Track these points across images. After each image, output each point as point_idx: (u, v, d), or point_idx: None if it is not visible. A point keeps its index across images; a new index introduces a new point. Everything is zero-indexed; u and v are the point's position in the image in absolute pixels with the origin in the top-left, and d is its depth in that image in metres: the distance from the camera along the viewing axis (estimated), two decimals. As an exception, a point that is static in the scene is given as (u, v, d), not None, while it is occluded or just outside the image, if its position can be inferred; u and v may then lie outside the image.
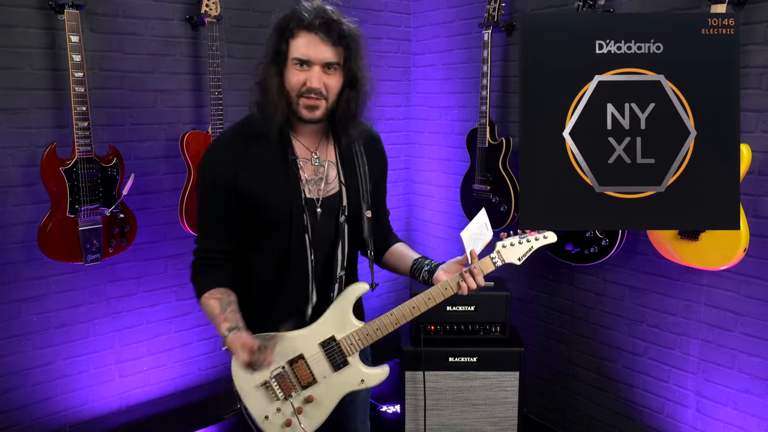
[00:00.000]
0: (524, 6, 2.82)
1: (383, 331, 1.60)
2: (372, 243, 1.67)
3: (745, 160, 1.99)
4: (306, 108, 1.50)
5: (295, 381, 1.60)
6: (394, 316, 1.59)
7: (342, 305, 1.62)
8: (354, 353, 1.61)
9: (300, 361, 1.60)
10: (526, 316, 3.01)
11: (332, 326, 1.61)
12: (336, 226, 1.63)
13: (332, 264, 1.63)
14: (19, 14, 2.27)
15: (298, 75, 1.48)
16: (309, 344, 1.60)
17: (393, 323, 1.60)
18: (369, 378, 1.64)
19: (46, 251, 2.27)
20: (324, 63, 1.48)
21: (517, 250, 1.64)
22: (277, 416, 1.60)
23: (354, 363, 1.62)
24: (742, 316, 2.24)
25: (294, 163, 1.57)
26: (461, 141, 3.04)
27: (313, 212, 1.59)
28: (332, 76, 1.50)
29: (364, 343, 1.61)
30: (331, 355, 1.61)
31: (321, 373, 1.61)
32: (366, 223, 1.65)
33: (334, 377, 1.61)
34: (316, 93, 1.48)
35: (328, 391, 1.62)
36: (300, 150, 1.60)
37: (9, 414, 2.44)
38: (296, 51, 1.47)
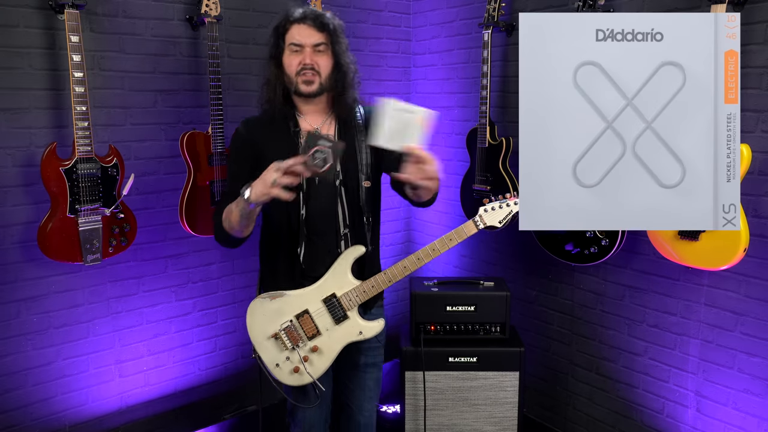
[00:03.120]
0: (524, 6, 2.82)
1: (377, 288, 1.87)
2: (367, 210, 1.91)
3: (745, 160, 1.99)
4: (304, 83, 1.84)
5: (302, 332, 1.87)
6: (387, 275, 1.86)
7: (341, 265, 1.88)
8: (353, 308, 1.88)
9: (305, 315, 1.87)
10: (526, 316, 3.01)
11: (333, 284, 1.88)
12: (333, 189, 1.89)
13: (335, 222, 1.90)
14: (19, 14, 2.27)
15: (294, 58, 1.84)
16: (313, 300, 1.88)
17: (387, 281, 1.86)
18: (366, 330, 1.90)
19: (46, 251, 2.27)
20: (313, 45, 1.83)
21: (498, 214, 1.85)
22: (286, 364, 1.88)
23: (353, 317, 1.89)
24: (742, 316, 2.25)
25: (296, 134, 1.89)
26: (461, 141, 3.04)
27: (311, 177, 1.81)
28: (322, 56, 1.85)
29: (362, 298, 1.87)
30: (333, 310, 1.88)
31: (324, 325, 1.88)
32: (362, 191, 1.90)
33: (335, 329, 1.88)
34: (309, 68, 1.82)
35: (331, 342, 1.88)
36: (304, 125, 1.91)
37: (9, 414, 2.44)
38: (290, 39, 1.84)
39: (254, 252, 2.06)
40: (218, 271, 2.92)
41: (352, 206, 1.91)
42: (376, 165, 1.95)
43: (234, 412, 3.00)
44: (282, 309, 1.88)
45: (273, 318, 1.88)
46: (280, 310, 1.88)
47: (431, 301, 2.59)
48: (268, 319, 1.88)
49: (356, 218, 1.92)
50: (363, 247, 1.88)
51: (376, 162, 1.94)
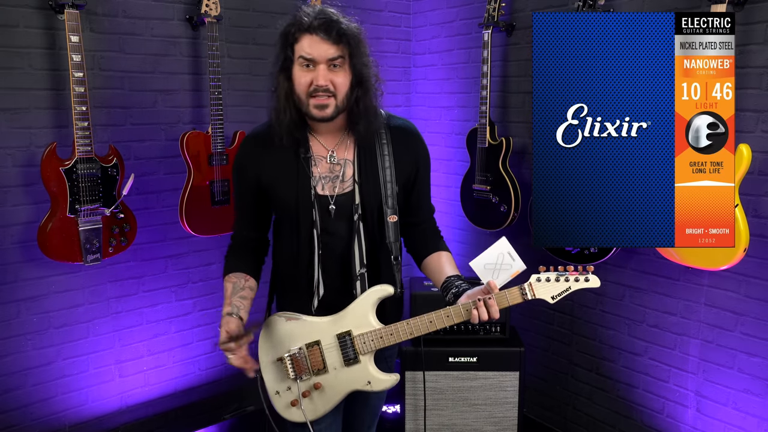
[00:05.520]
0: (524, 6, 2.82)
1: (396, 338, 1.61)
2: (396, 248, 1.67)
3: (745, 160, 1.99)
4: (316, 107, 1.54)
5: (308, 364, 1.65)
6: (411, 326, 1.59)
7: (365, 303, 1.64)
8: (366, 353, 1.63)
9: (315, 347, 1.65)
10: (526, 316, 3.01)
11: (352, 321, 1.64)
12: (351, 224, 1.64)
13: (349, 261, 1.66)
14: (19, 14, 2.27)
15: (306, 76, 1.53)
16: (327, 333, 1.65)
17: (408, 332, 1.60)
18: (376, 382, 1.65)
19: (46, 251, 2.27)
20: (327, 60, 1.52)
21: (552, 288, 1.55)
22: (286, 394, 1.67)
23: (365, 362, 1.64)
24: (742, 316, 2.24)
25: (306, 161, 1.63)
26: (461, 141, 3.04)
27: (325, 208, 1.64)
28: (338, 74, 1.54)
29: (377, 344, 1.62)
30: (344, 349, 1.64)
31: (332, 363, 1.64)
32: (390, 228, 1.66)
33: (343, 371, 1.64)
34: (323, 91, 1.52)
35: (335, 384, 1.65)
36: (317, 148, 1.65)
37: (9, 414, 2.44)
38: (300, 51, 1.53)
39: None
40: (218, 271, 2.92)
41: (372, 243, 1.67)
42: (402, 196, 1.70)
43: (234, 412, 3.00)
44: (294, 333, 1.67)
45: (284, 340, 1.68)
46: (293, 333, 1.67)
47: (431, 301, 2.58)
48: (279, 341, 1.68)
49: (382, 257, 1.69)
50: (391, 288, 1.64)
51: (405, 191, 1.71)
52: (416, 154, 1.72)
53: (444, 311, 1.57)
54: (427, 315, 1.59)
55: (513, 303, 1.54)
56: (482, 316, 1.52)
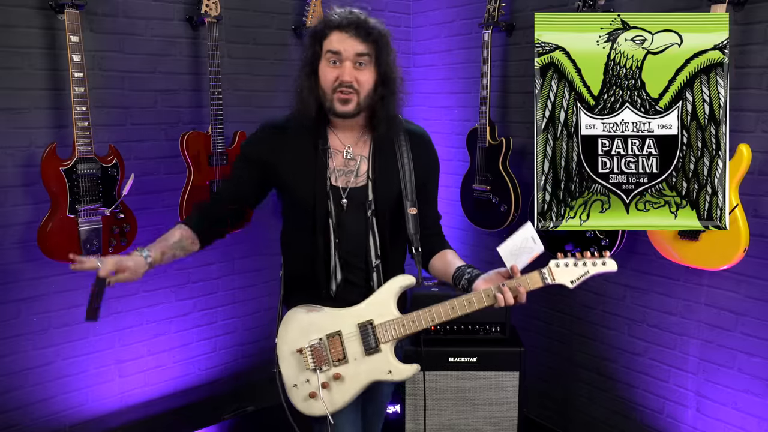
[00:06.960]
0: (524, 6, 2.82)
1: (418, 325, 1.63)
2: (417, 240, 1.72)
3: (745, 160, 1.99)
4: (339, 102, 1.61)
5: (329, 354, 1.66)
6: (432, 312, 1.62)
7: (387, 292, 1.68)
8: (387, 341, 1.65)
9: (336, 337, 1.66)
10: (526, 316, 3.01)
11: (374, 311, 1.67)
12: (365, 219, 1.69)
13: (363, 252, 1.71)
14: (19, 14, 2.26)
15: (332, 71, 1.60)
16: (348, 323, 1.67)
17: (430, 319, 1.62)
18: (397, 371, 1.66)
19: (45, 251, 2.27)
20: (354, 56, 1.59)
21: (572, 272, 1.58)
22: (304, 386, 1.67)
23: (385, 352, 1.66)
24: (742, 316, 2.24)
25: (324, 152, 1.68)
26: (461, 141, 3.04)
27: (338, 200, 1.68)
28: (363, 72, 1.61)
29: (399, 332, 1.64)
30: (366, 338, 1.66)
31: (353, 353, 1.66)
32: (410, 220, 1.71)
33: (363, 361, 1.65)
34: (347, 86, 1.59)
35: (356, 374, 1.66)
36: (334, 142, 1.71)
37: (9, 414, 2.44)
38: (328, 46, 1.60)
39: (254, 252, 2.05)
40: (218, 271, 2.92)
41: (383, 237, 1.72)
42: (420, 189, 1.75)
43: (233, 412, 3.00)
44: (315, 324, 1.69)
45: (305, 332, 1.69)
46: (314, 324, 1.69)
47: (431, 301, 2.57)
48: (300, 332, 1.69)
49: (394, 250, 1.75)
50: (413, 278, 1.69)
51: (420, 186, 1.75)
52: (429, 161, 1.80)
53: (466, 297, 1.59)
54: (449, 301, 1.60)
55: (533, 287, 1.57)
56: (508, 300, 1.54)
